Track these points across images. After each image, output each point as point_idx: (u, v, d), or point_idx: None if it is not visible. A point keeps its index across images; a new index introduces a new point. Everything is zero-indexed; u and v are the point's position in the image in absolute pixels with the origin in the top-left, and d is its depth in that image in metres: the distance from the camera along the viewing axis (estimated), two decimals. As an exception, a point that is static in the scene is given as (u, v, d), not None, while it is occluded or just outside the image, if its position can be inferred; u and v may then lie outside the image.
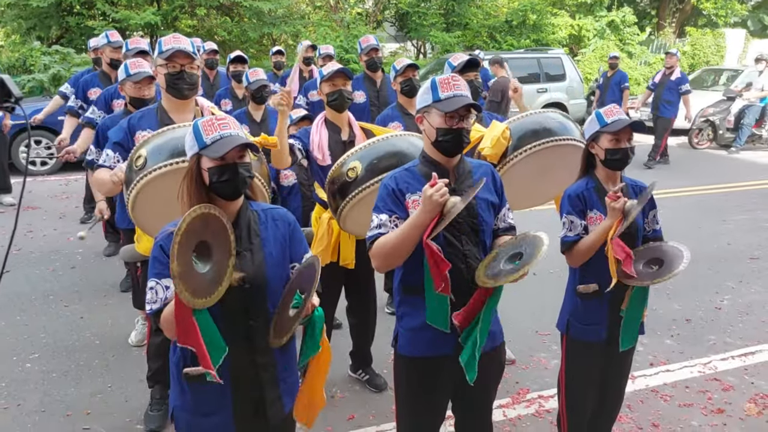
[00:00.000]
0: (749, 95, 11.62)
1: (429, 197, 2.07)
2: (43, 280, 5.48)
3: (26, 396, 3.71)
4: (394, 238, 2.19)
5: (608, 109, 2.68)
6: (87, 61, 12.53)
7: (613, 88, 10.78)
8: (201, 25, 15.53)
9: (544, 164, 3.19)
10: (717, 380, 4.00)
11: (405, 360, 2.36)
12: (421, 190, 2.18)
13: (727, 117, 11.92)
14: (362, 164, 3.00)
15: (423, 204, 2.11)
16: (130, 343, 4.28)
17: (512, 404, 3.70)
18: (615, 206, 2.51)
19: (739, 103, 11.85)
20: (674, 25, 22.72)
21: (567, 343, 2.86)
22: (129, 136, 3.06)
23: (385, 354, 4.11)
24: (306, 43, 6.96)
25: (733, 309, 5.11)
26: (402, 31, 19.49)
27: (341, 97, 3.53)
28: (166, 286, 1.90)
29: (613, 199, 2.52)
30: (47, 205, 7.84)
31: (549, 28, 19.01)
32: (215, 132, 1.92)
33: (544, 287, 5.32)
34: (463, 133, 2.22)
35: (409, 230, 2.15)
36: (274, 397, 2.03)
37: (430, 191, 2.07)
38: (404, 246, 2.18)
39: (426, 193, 2.08)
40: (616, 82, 10.84)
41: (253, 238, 2.01)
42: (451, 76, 2.30)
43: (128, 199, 2.65)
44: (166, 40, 3.02)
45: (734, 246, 6.66)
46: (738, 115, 11.79)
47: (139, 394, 3.69)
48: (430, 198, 2.07)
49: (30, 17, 14.29)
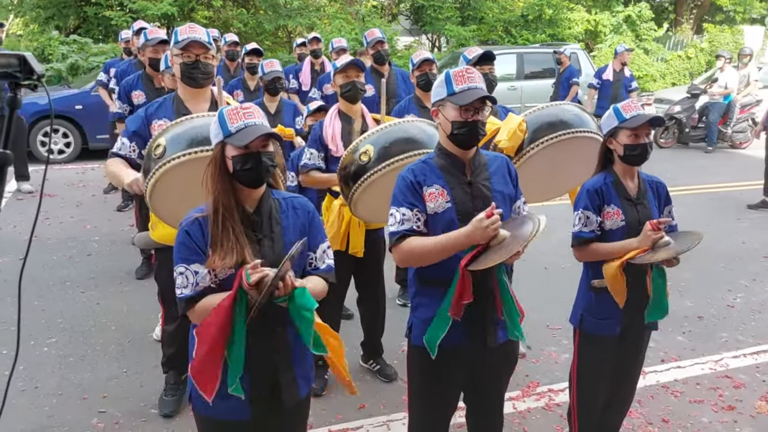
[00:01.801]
0: (712, 92, 11.44)
1: (483, 228, 2.07)
2: (60, 267, 5.56)
3: (44, 379, 3.78)
4: (427, 248, 2.19)
5: (626, 104, 2.68)
6: (104, 50, 12.66)
7: (564, 84, 10.30)
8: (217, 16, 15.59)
9: (560, 157, 3.20)
10: (728, 377, 3.99)
11: (418, 350, 2.38)
12: (438, 183, 2.20)
13: (692, 115, 11.72)
14: (375, 148, 3.03)
15: (472, 231, 2.10)
16: (155, 338, 4.27)
17: (522, 397, 3.72)
18: (652, 236, 2.52)
19: (703, 101, 11.66)
20: (692, 21, 22.49)
21: (580, 337, 2.86)
22: (146, 126, 3.09)
23: (396, 345, 4.15)
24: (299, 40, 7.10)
25: (746, 307, 5.09)
26: (417, 24, 19.44)
27: (355, 88, 3.57)
28: (195, 271, 1.95)
29: (654, 229, 2.52)
30: (64, 193, 7.94)
31: (565, 23, 18.87)
32: (240, 121, 1.96)
33: (556, 281, 5.33)
34: (478, 125, 2.22)
35: (446, 247, 2.16)
36: (288, 380, 2.06)
37: (486, 222, 2.06)
38: (436, 258, 2.20)
39: (481, 223, 2.07)
40: (566, 77, 10.34)
41: (274, 226, 2.04)
42: (465, 69, 2.31)
43: (147, 187, 2.69)
44: (182, 30, 3.05)
45: (748, 244, 6.62)
46: (701, 113, 11.62)
47: (154, 379, 3.75)
48: (483, 228, 2.07)
49: (48, 7, 14.43)
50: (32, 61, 1.51)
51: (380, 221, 3.54)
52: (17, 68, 1.50)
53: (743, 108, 11.72)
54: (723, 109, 11.49)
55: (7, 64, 1.50)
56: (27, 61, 1.50)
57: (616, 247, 2.62)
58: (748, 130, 11.66)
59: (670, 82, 18.71)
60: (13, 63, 1.50)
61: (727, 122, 11.72)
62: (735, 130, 11.77)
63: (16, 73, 1.50)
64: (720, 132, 11.67)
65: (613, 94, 9.42)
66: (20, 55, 1.51)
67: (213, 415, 2.04)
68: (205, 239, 1.96)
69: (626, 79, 9.55)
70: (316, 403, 3.36)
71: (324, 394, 3.64)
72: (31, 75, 1.51)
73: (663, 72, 18.94)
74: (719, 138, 11.74)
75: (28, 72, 1.51)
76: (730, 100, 11.42)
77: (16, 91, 1.53)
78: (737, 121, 11.73)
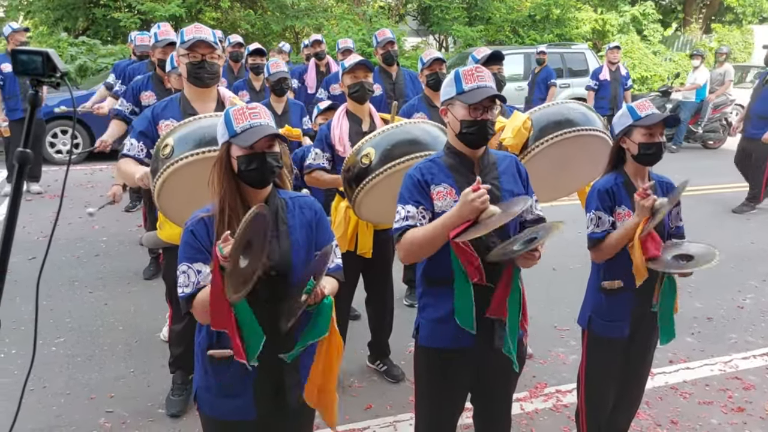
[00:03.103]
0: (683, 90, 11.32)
1: (470, 202, 2.06)
2: (69, 267, 5.59)
3: (51, 378, 3.79)
4: (423, 234, 2.19)
5: (640, 103, 2.65)
6: (113, 52, 12.72)
7: (540, 85, 10.20)
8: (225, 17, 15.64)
9: (567, 156, 3.18)
10: (738, 379, 3.96)
11: (426, 351, 2.37)
12: (446, 182, 2.19)
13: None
14: (376, 151, 3.02)
15: (461, 206, 2.09)
16: (162, 338, 4.28)
17: (530, 398, 3.70)
18: (644, 204, 2.48)
19: (675, 100, 11.52)
20: (701, 21, 22.37)
21: (588, 339, 2.84)
22: (153, 126, 3.10)
23: (403, 345, 4.14)
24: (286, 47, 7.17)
25: (756, 308, 5.06)
26: (424, 25, 19.43)
27: (363, 88, 3.56)
28: (197, 270, 1.94)
29: (642, 197, 2.48)
30: (73, 193, 7.97)
31: (572, 23, 18.82)
32: (245, 121, 1.96)
33: (564, 282, 5.31)
34: (487, 124, 2.21)
35: (440, 229, 2.15)
36: (294, 382, 2.06)
37: (472, 196, 2.06)
38: (433, 243, 2.19)
39: (467, 197, 2.07)
40: (542, 78, 10.25)
41: (280, 226, 2.04)
42: (474, 67, 2.30)
43: (154, 187, 2.69)
44: (188, 30, 3.05)
45: (757, 245, 6.58)
46: (673, 111, 11.52)
47: (161, 379, 3.76)
48: (470, 203, 2.06)
49: (57, 8, 14.53)
50: (55, 58, 1.50)
51: (384, 223, 3.53)
52: (40, 65, 1.50)
53: (716, 108, 11.56)
54: (695, 108, 11.34)
55: (30, 62, 1.50)
56: (50, 58, 1.49)
57: (624, 231, 2.59)
58: (720, 130, 11.53)
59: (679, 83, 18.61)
60: (36, 60, 1.50)
61: (699, 122, 11.57)
62: (706, 130, 11.63)
63: (39, 70, 1.50)
64: (691, 131, 11.52)
65: (612, 94, 9.39)
66: (44, 52, 1.50)
67: (218, 416, 2.04)
68: (210, 239, 1.96)
69: (623, 78, 9.49)
70: (323, 403, 3.36)
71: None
72: (54, 72, 1.51)
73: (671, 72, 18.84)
74: (690, 138, 11.60)
75: (51, 69, 1.50)
76: (703, 98, 11.27)
77: (38, 89, 1.53)
78: (709, 121, 11.59)
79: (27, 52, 1.49)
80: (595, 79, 9.63)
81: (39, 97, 1.54)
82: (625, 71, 9.60)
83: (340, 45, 7.12)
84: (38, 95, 1.54)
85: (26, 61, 1.49)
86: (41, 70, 1.50)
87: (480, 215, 2.10)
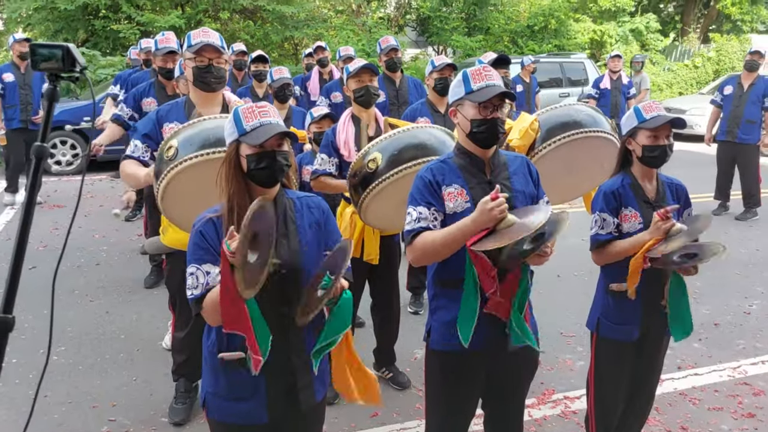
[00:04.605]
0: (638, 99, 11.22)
1: (488, 210, 2.02)
2: (69, 276, 5.54)
3: (53, 387, 3.74)
4: (438, 239, 2.14)
5: (647, 104, 2.63)
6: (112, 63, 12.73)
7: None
8: (224, 28, 15.66)
9: (574, 157, 3.16)
10: (747, 384, 3.92)
11: (438, 355, 2.33)
12: (457, 182, 2.16)
13: None
14: (383, 155, 3.00)
15: (478, 214, 2.05)
16: (165, 347, 4.22)
17: (538, 405, 3.65)
18: (661, 227, 2.45)
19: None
20: (699, 30, 22.48)
21: (597, 342, 2.80)
22: (157, 128, 3.08)
23: (409, 352, 4.10)
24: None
25: (763, 314, 5.02)
26: (423, 35, 19.50)
27: (368, 92, 3.54)
28: (206, 271, 1.91)
29: (662, 218, 2.46)
30: (73, 203, 7.86)
31: (571, 33, 18.90)
32: (255, 119, 1.94)
33: (569, 289, 5.28)
34: (498, 122, 2.19)
35: (455, 236, 2.10)
36: (305, 383, 2.02)
37: (491, 204, 2.01)
38: (448, 249, 2.15)
39: (486, 205, 2.02)
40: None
41: (289, 225, 2.01)
42: (482, 67, 2.28)
43: (158, 189, 2.66)
44: (194, 34, 3.03)
45: (763, 251, 6.55)
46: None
47: (164, 387, 3.70)
48: (489, 211, 2.02)
49: (57, 20, 14.53)
50: (75, 53, 1.48)
51: (391, 228, 3.50)
52: (60, 60, 1.48)
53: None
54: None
55: (51, 55, 1.47)
56: (70, 51, 1.48)
57: (630, 243, 2.57)
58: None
59: (677, 92, 18.69)
60: (56, 54, 1.48)
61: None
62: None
63: (59, 64, 1.48)
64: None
65: (613, 102, 9.39)
66: (64, 46, 1.48)
67: (229, 420, 2.00)
68: (219, 239, 1.92)
69: (624, 87, 9.49)
70: (329, 411, 3.30)
71: (336, 403, 3.58)
72: (73, 66, 1.49)
73: (670, 81, 18.93)
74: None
75: (71, 63, 1.48)
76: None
77: (56, 84, 1.51)
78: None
79: (47, 46, 1.47)
80: (596, 88, 9.67)
81: (57, 92, 1.51)
82: (628, 80, 9.61)
83: (341, 53, 7.12)
84: (56, 90, 1.51)
85: (46, 55, 1.47)
86: (61, 64, 1.48)
87: (498, 224, 2.06)
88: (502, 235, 2.04)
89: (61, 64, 1.47)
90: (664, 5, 23.47)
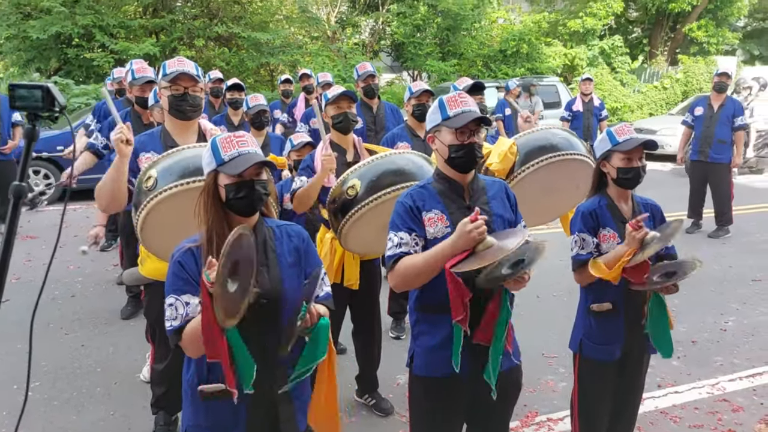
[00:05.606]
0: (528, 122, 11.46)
1: (467, 232, 2.03)
2: (44, 309, 5.42)
3: (28, 425, 3.63)
4: (418, 263, 2.15)
5: (620, 127, 2.69)
6: (86, 91, 12.64)
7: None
8: (199, 55, 15.70)
9: (552, 179, 3.21)
10: (726, 401, 3.96)
11: (421, 380, 2.32)
12: (437, 208, 2.17)
13: None
14: (362, 182, 3.02)
15: (457, 236, 2.06)
16: (143, 379, 4.14)
17: (521, 427, 3.64)
18: (635, 236, 2.49)
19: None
20: (666, 53, 23.06)
21: (579, 363, 2.83)
22: (133, 158, 3.05)
23: (392, 378, 4.07)
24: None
25: (739, 330, 5.09)
26: (398, 60, 19.72)
27: (347, 119, 3.56)
28: (186, 302, 1.89)
29: (634, 228, 2.50)
30: (46, 234, 7.81)
31: (543, 57, 19.27)
32: (233, 149, 1.94)
33: (549, 309, 5.30)
34: (475, 147, 2.22)
35: (435, 258, 2.11)
36: (288, 415, 2.00)
37: (470, 226, 2.03)
38: (428, 273, 2.16)
39: (465, 227, 2.04)
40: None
41: (269, 254, 2.01)
42: (458, 94, 2.32)
43: (137, 220, 2.64)
44: (170, 63, 3.03)
45: (736, 268, 6.66)
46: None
47: (142, 421, 3.63)
48: (468, 233, 2.03)
49: (29, 49, 14.44)
50: (55, 92, 1.50)
51: (371, 253, 3.50)
52: (40, 99, 1.48)
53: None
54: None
55: (30, 96, 1.48)
56: (50, 91, 1.49)
57: (609, 257, 2.61)
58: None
59: (647, 113, 19.08)
60: (36, 94, 1.49)
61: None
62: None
63: (39, 104, 1.48)
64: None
65: (585, 124, 9.56)
66: (44, 86, 1.50)
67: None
68: (198, 269, 1.91)
69: (596, 108, 9.67)
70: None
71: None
72: (52, 106, 1.50)
73: (640, 103, 19.34)
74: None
75: (50, 103, 1.49)
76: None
77: (35, 123, 1.51)
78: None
79: (26, 87, 1.49)
80: (568, 110, 9.83)
81: (36, 131, 1.51)
82: (599, 102, 9.79)
83: (319, 79, 7.17)
84: (35, 130, 1.51)
85: (26, 96, 1.48)
86: (41, 104, 1.49)
87: (477, 246, 2.08)
88: (482, 256, 2.05)
89: (41, 104, 1.48)
90: (632, 28, 24.06)
